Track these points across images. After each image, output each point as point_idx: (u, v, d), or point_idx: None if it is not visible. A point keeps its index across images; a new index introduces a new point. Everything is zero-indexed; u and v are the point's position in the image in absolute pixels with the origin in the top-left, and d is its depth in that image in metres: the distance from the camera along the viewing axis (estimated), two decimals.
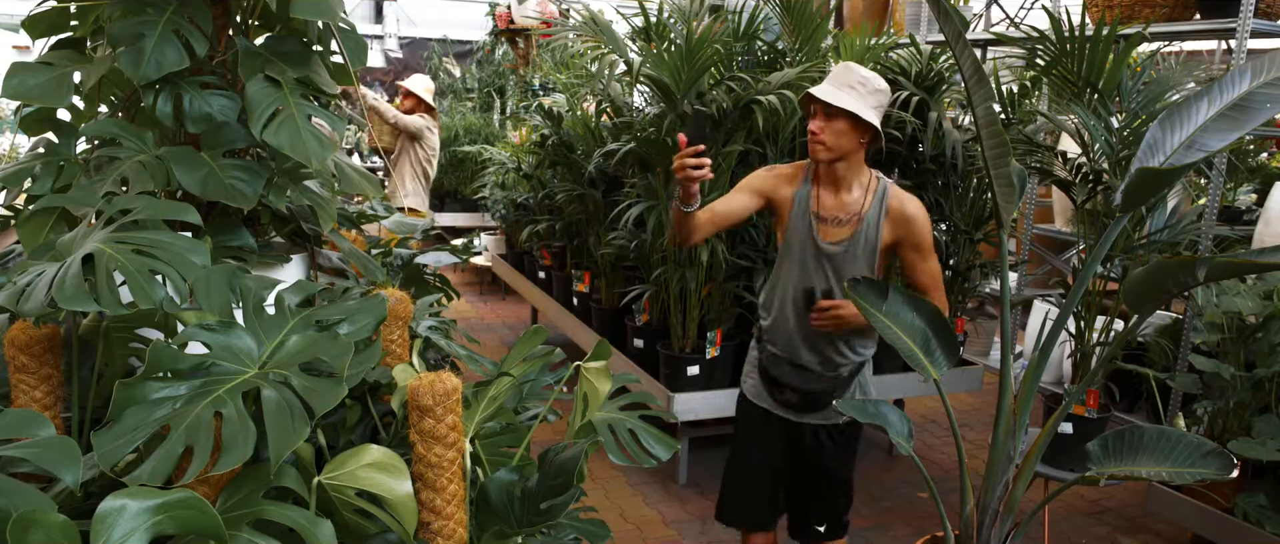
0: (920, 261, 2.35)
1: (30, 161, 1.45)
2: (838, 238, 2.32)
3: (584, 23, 3.56)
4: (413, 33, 10.28)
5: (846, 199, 2.32)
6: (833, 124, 2.22)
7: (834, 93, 2.20)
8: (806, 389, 2.40)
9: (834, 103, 2.18)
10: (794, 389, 2.40)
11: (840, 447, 2.48)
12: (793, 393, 2.41)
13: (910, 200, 2.33)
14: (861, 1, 5.66)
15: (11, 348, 1.21)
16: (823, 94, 2.20)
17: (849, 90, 2.21)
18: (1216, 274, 1.85)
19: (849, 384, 2.44)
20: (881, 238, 2.32)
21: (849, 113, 2.20)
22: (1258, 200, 4.21)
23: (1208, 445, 2.10)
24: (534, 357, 1.51)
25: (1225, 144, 2.01)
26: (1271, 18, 3.64)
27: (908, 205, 2.32)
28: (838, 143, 2.23)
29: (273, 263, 1.49)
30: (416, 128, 5.58)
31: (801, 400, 2.41)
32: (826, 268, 2.34)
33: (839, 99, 2.19)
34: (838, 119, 2.22)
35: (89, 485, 1.08)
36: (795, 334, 2.38)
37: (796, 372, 2.40)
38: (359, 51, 1.55)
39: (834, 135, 2.22)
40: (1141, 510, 3.71)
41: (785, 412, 2.45)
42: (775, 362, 2.42)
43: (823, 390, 2.40)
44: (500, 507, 1.26)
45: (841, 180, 2.32)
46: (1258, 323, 3.03)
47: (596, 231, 4.32)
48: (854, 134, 2.24)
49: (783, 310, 2.40)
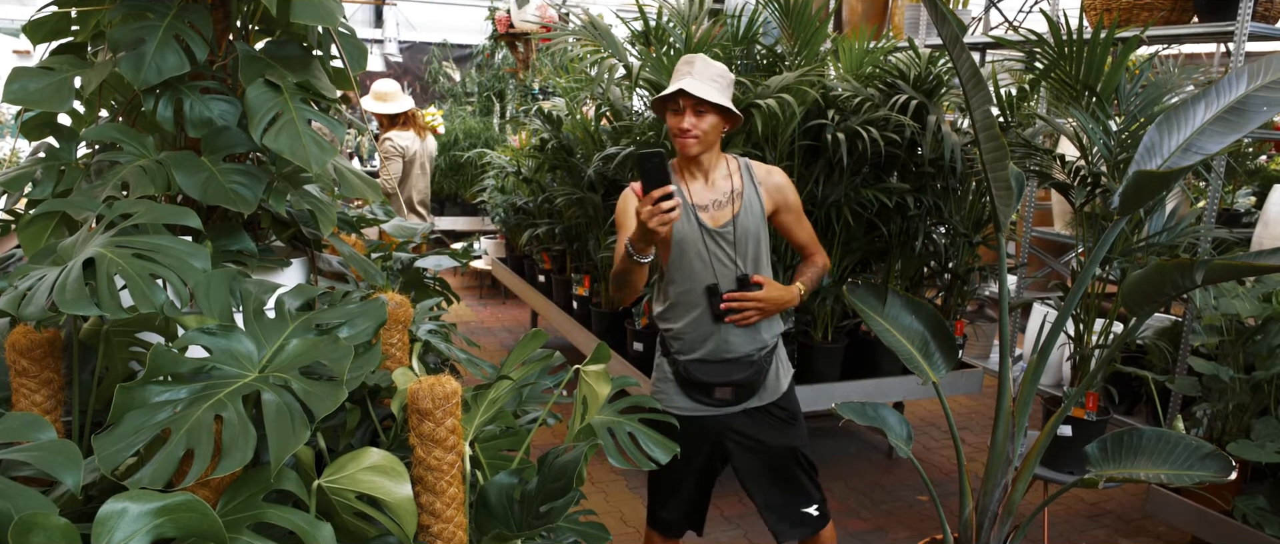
0: (797, 223, 2.48)
1: (31, 166, 1.45)
2: (724, 220, 2.35)
3: (583, 27, 3.57)
4: (412, 37, 10.30)
5: (718, 183, 2.38)
6: (703, 119, 2.28)
7: (707, 89, 2.25)
8: (740, 379, 2.40)
9: (709, 98, 2.24)
10: (725, 384, 2.39)
11: (786, 420, 2.47)
12: (724, 388, 2.39)
13: (774, 169, 2.45)
14: (860, 5, 5.67)
15: (12, 352, 1.21)
16: (699, 91, 2.24)
17: (713, 83, 2.27)
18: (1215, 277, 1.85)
19: (773, 355, 2.47)
20: (764, 207, 2.40)
21: (718, 106, 2.27)
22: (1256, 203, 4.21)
23: (1206, 448, 2.10)
24: (533, 360, 1.52)
25: (1223, 147, 2.02)
26: (1270, 21, 3.65)
27: (774, 175, 2.44)
28: (708, 136, 2.31)
29: (273, 267, 1.50)
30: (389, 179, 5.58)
31: (736, 392, 2.41)
32: (726, 251, 2.35)
33: (713, 94, 2.25)
34: (708, 114, 2.28)
35: (90, 488, 1.09)
36: (722, 332, 2.37)
37: (727, 366, 2.39)
38: (359, 56, 1.55)
39: (706, 129, 2.29)
40: (1141, 513, 3.71)
41: (717, 408, 2.43)
42: (700, 366, 2.40)
43: (756, 372, 2.42)
44: (500, 510, 1.26)
45: (707, 170, 2.38)
46: (1257, 325, 3.04)
47: (596, 235, 4.33)
48: (721, 125, 2.33)
49: (695, 314, 2.37)
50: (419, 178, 5.85)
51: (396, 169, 5.65)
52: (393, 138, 5.63)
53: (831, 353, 3.79)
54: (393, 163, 5.63)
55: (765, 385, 2.44)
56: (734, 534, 3.45)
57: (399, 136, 5.65)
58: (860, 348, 3.90)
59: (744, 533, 3.46)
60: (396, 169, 5.65)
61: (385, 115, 5.71)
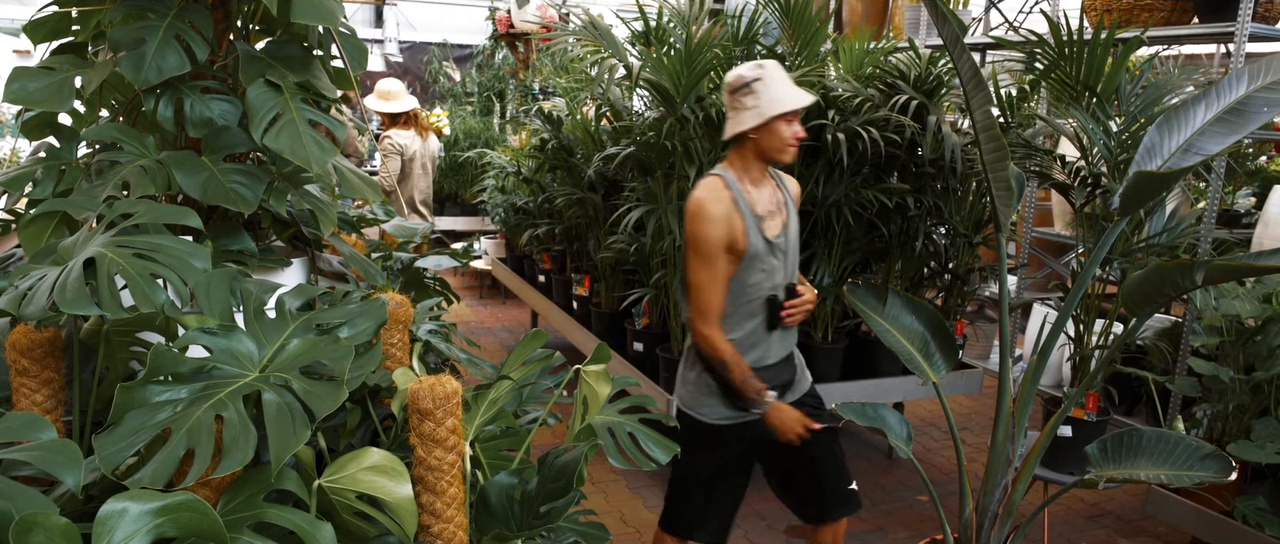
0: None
1: (32, 166, 1.45)
2: (776, 230, 2.34)
3: (584, 27, 3.57)
4: (413, 37, 10.29)
5: (768, 192, 2.37)
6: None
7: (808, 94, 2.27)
8: (785, 380, 2.44)
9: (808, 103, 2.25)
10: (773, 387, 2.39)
11: (817, 407, 2.52)
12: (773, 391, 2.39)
13: (788, 176, 2.49)
14: (861, 5, 5.67)
15: (13, 352, 1.21)
16: (809, 100, 2.25)
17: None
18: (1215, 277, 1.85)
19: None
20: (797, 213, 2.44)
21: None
22: (1256, 203, 4.21)
23: (1206, 448, 2.10)
24: (534, 360, 1.52)
25: (1223, 147, 2.02)
26: (1270, 21, 3.65)
27: (791, 180, 2.48)
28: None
29: (273, 267, 1.50)
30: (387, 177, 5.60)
31: (780, 392, 2.43)
32: (780, 260, 2.35)
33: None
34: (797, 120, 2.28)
35: (90, 488, 1.09)
36: (769, 339, 2.38)
37: (773, 370, 2.41)
38: (359, 56, 1.55)
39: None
40: (1141, 513, 3.71)
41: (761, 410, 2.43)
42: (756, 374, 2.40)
43: (793, 369, 2.48)
44: (500, 510, 1.26)
45: (765, 177, 2.38)
46: (1257, 326, 3.04)
47: (596, 235, 4.33)
48: None
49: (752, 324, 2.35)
50: (420, 178, 5.87)
51: (395, 166, 5.67)
52: (392, 136, 5.67)
53: (831, 353, 3.79)
54: (391, 160, 5.65)
55: (797, 380, 2.49)
56: (734, 535, 3.45)
57: (398, 135, 5.69)
58: (860, 348, 3.90)
59: (744, 533, 3.46)
60: (395, 166, 5.67)
61: (387, 114, 5.74)
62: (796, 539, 3.43)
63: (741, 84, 2.24)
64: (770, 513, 3.59)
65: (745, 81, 2.23)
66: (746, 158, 2.31)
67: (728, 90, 2.28)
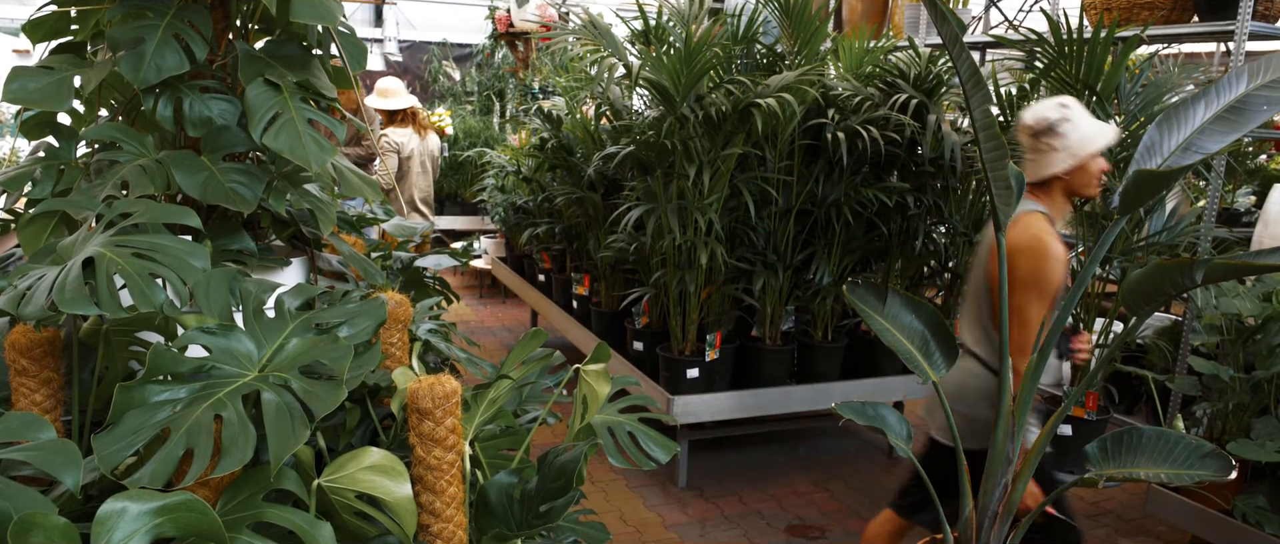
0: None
1: (31, 165, 1.45)
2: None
3: (583, 26, 3.57)
4: (412, 36, 10.29)
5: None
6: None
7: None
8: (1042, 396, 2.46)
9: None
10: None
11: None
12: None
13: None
14: (860, 4, 5.67)
15: (12, 351, 1.21)
16: (1116, 134, 2.26)
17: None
18: (1215, 276, 1.85)
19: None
20: None
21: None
22: (1256, 202, 4.22)
23: (1206, 447, 2.10)
24: (533, 359, 1.52)
25: (1223, 146, 2.02)
26: (1270, 20, 3.65)
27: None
28: None
29: (272, 266, 1.50)
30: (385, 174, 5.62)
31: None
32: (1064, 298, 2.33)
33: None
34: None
35: (89, 488, 1.09)
36: (1050, 367, 2.37)
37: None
38: (359, 55, 1.55)
39: None
40: (1141, 512, 3.71)
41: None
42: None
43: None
44: (499, 509, 1.26)
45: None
46: (1257, 325, 3.04)
47: (596, 235, 4.33)
48: None
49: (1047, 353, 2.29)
50: (420, 177, 5.87)
51: (392, 164, 5.68)
52: (389, 134, 5.69)
53: (831, 352, 3.79)
54: (388, 158, 5.67)
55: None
56: (734, 534, 3.45)
57: (396, 133, 5.70)
58: (860, 347, 3.90)
59: (744, 533, 3.47)
60: (392, 164, 5.68)
61: (385, 111, 5.75)
62: (797, 539, 3.43)
63: (1046, 126, 2.24)
64: (770, 513, 3.59)
65: (1050, 123, 2.23)
66: (1054, 195, 2.32)
67: (1028, 133, 2.28)
